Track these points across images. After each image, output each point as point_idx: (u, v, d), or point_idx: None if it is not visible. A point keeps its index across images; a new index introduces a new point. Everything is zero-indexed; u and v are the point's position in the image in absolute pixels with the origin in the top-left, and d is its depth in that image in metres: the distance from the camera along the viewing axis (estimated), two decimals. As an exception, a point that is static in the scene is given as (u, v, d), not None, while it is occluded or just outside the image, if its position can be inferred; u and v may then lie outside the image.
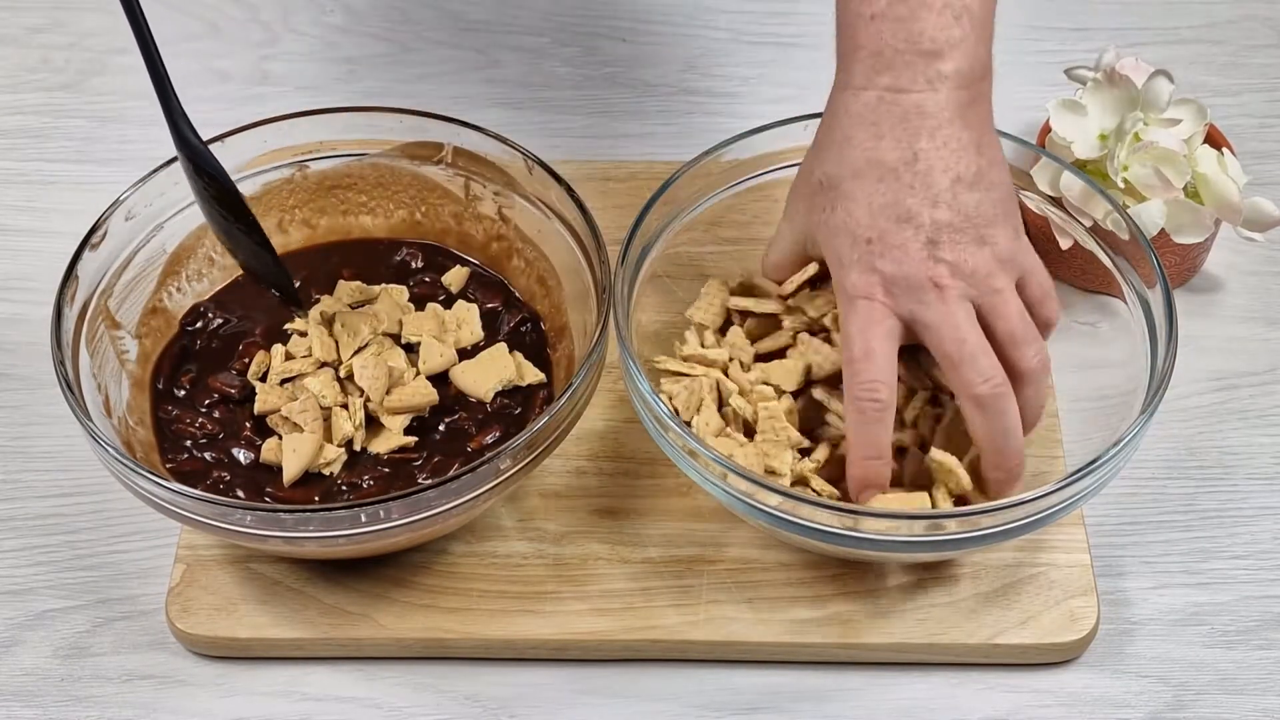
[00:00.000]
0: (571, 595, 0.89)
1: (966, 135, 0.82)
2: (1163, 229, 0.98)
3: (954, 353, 0.81)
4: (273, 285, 0.92)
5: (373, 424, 0.91)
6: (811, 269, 0.89)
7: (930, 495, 0.85)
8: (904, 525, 0.81)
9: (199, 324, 0.96)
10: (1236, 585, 0.92)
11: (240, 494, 0.88)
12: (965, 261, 0.81)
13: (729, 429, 0.88)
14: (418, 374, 0.92)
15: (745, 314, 0.93)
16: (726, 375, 0.91)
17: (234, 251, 0.91)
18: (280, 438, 0.89)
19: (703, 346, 0.92)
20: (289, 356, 0.93)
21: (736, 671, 0.89)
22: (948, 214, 0.81)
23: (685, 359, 0.92)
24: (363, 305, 0.96)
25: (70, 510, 0.95)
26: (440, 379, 0.93)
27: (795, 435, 0.87)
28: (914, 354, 0.88)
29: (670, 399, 0.89)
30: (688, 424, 0.88)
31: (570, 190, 0.93)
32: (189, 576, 0.90)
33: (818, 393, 0.89)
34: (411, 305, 0.96)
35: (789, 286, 0.90)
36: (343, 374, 0.92)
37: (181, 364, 0.94)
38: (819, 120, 0.95)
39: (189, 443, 0.91)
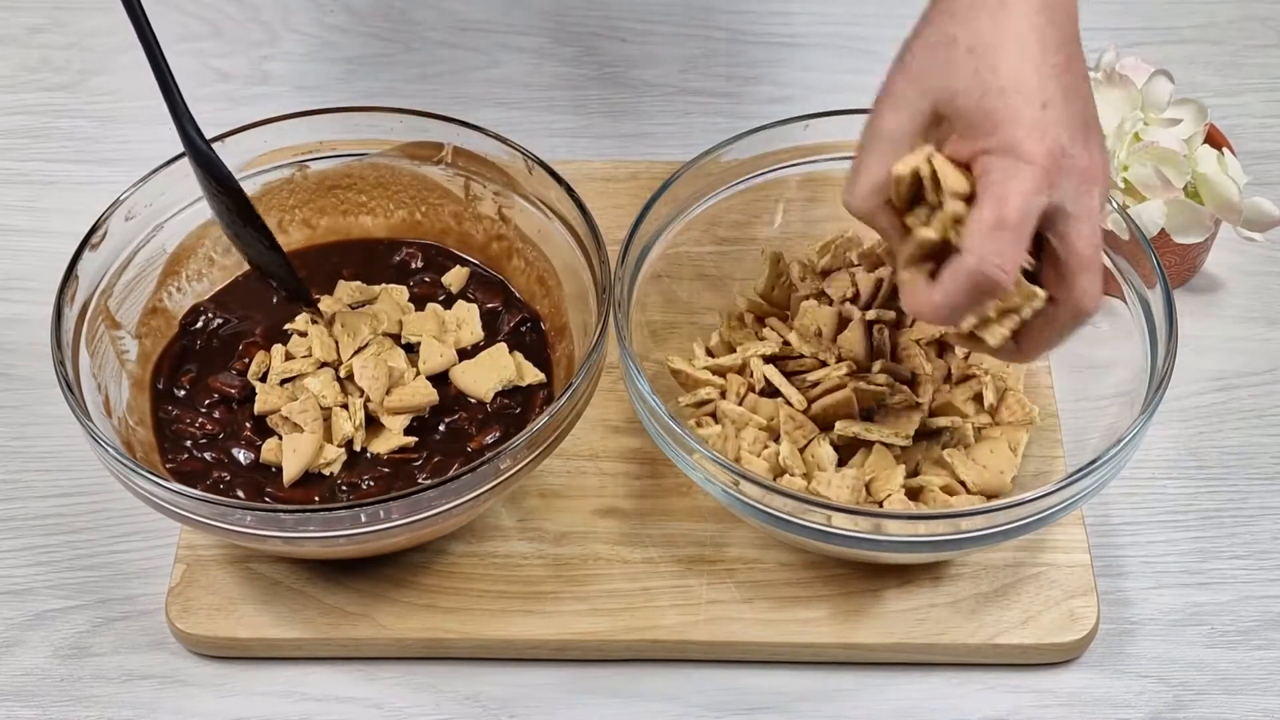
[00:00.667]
0: (571, 595, 0.89)
1: (1078, 34, 0.78)
2: (1163, 229, 0.98)
3: (1089, 256, 0.75)
4: (283, 284, 0.93)
5: (373, 424, 0.91)
6: (925, 150, 0.77)
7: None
8: (904, 525, 0.81)
9: (199, 324, 0.96)
10: (1236, 585, 0.92)
11: (240, 494, 0.88)
12: (1104, 164, 0.76)
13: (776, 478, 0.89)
14: (418, 374, 0.92)
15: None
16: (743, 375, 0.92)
17: (243, 250, 0.91)
18: (280, 438, 0.89)
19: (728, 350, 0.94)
20: (289, 356, 0.93)
21: (736, 671, 0.89)
22: (1090, 106, 0.76)
23: (707, 367, 0.93)
24: (363, 305, 0.96)
25: (70, 510, 0.95)
26: (440, 379, 0.93)
27: (850, 491, 0.87)
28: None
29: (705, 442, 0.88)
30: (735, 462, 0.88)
31: (570, 190, 0.93)
32: (189, 576, 0.90)
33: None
34: (411, 305, 0.96)
35: (902, 168, 0.77)
36: (343, 374, 0.92)
37: (181, 364, 0.94)
38: (819, 120, 0.95)
39: (189, 443, 0.91)
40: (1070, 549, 0.90)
